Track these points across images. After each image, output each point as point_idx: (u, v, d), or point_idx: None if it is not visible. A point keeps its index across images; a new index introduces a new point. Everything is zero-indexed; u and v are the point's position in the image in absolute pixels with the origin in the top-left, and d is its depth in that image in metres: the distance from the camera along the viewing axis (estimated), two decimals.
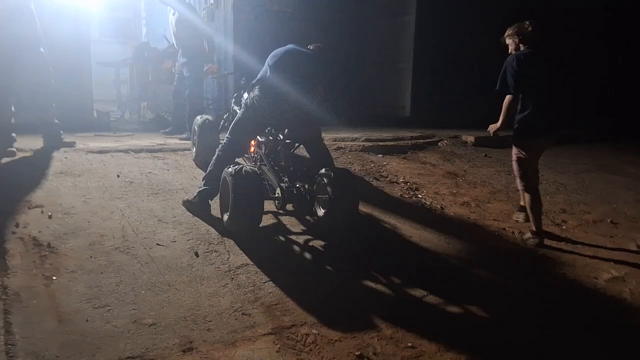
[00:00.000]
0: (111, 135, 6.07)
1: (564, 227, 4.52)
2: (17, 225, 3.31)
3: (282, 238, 3.62)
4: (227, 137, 3.84)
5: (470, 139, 7.22)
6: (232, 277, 3.09)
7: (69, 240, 3.25)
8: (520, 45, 3.98)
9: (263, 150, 3.90)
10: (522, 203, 4.39)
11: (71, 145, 5.01)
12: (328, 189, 3.49)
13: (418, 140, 6.92)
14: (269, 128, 4.00)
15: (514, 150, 4.12)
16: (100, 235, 3.36)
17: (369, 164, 5.79)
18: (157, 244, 3.33)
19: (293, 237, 3.65)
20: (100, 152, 4.95)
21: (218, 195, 3.74)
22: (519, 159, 4.08)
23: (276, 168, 3.71)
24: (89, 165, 4.55)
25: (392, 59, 8.39)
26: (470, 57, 7.99)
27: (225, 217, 3.44)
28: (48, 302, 2.63)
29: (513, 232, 4.26)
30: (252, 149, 4.10)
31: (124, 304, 2.69)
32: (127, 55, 8.70)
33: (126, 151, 5.09)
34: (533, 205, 4.04)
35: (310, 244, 3.57)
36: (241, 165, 3.36)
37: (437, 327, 2.81)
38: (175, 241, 3.40)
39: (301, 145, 4.26)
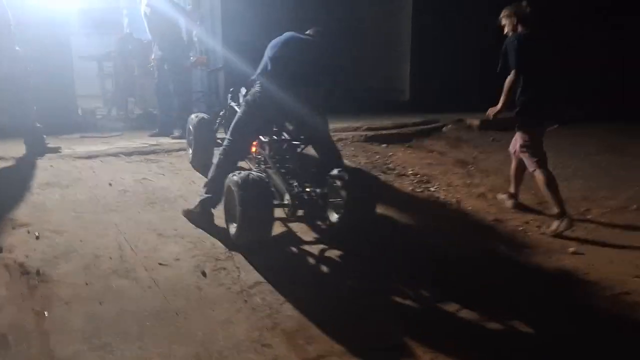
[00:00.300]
0: (99, 136, 5.67)
1: (589, 216, 4.26)
2: (0, 250, 2.98)
3: (294, 249, 3.31)
4: (227, 139, 3.50)
5: (475, 122, 6.90)
6: (246, 298, 2.78)
7: (61, 264, 2.92)
8: (518, 25, 3.90)
9: (267, 152, 3.56)
10: (511, 190, 4.33)
11: (56, 151, 4.63)
12: (342, 192, 3.18)
13: (422, 127, 6.61)
14: (272, 126, 3.66)
15: (521, 136, 4.03)
16: (95, 256, 3.03)
17: (374, 156, 5.48)
18: (159, 264, 3.02)
19: (306, 247, 3.34)
20: (89, 157, 4.58)
21: (222, 202, 3.43)
22: (525, 145, 3.99)
23: (283, 171, 3.39)
24: (78, 173, 4.19)
25: (389, 41, 8.01)
26: (470, 37, 7.63)
27: (232, 228, 3.13)
28: (40, 345, 2.31)
29: (539, 227, 3.98)
30: (254, 150, 3.75)
31: (128, 341, 2.38)
32: (109, 47, 8.24)
33: (117, 155, 4.73)
34: (550, 184, 3.91)
35: (326, 254, 3.27)
36: (247, 173, 3.03)
37: (480, 348, 2.53)
38: (178, 259, 3.08)
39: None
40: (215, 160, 3.48)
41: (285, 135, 3.61)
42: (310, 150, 4.05)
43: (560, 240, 3.76)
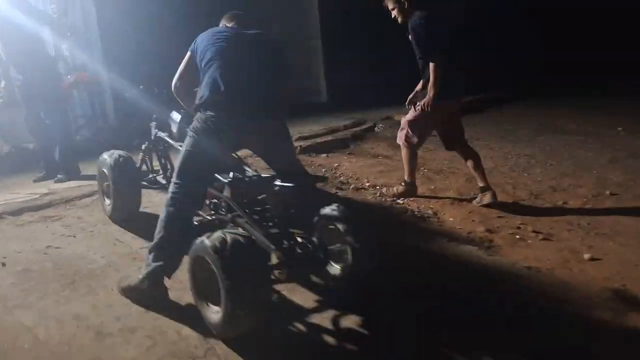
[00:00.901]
0: None
1: (567, 207, 3.93)
2: None
3: (298, 325, 2.46)
4: (173, 184, 2.57)
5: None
6: None
7: None
8: (409, 9, 3.74)
9: (228, 194, 2.66)
10: (481, 184, 3.95)
11: None
12: (343, 236, 2.44)
13: (354, 129, 6.07)
14: (230, 160, 2.80)
15: (415, 112, 3.91)
16: None
17: (319, 170, 4.79)
18: None
19: (312, 318, 2.48)
20: None
21: (176, 269, 2.53)
22: (418, 119, 3.90)
23: (257, 218, 2.54)
24: None
25: (299, 36, 7.29)
26: (383, 25, 7.18)
27: (212, 314, 2.24)
28: None
29: (536, 233, 3.51)
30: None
31: None
32: None
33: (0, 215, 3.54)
34: (412, 160, 4.10)
35: (342, 323, 2.44)
36: (224, 233, 2.15)
37: None
38: None
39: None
40: (162, 215, 2.54)
41: (248, 169, 2.76)
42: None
43: (570, 244, 3.33)
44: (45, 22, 4.68)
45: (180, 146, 2.70)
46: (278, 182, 2.36)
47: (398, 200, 4.12)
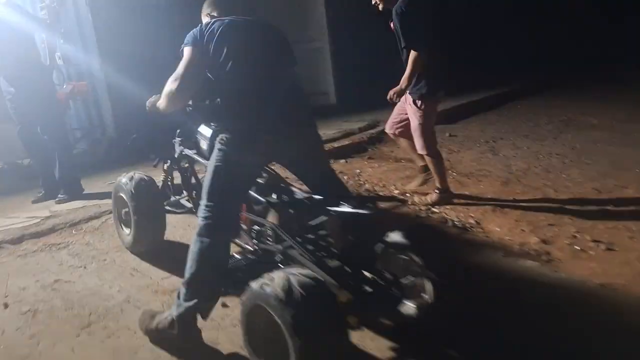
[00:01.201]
0: None
1: (618, 211, 3.59)
2: None
3: None
4: (204, 208, 2.21)
5: None
6: None
7: None
8: None
9: (275, 219, 2.28)
10: (438, 184, 3.81)
11: None
12: (425, 270, 2.04)
13: (369, 132, 5.70)
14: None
15: (420, 112, 3.64)
16: None
17: (341, 178, 4.43)
18: None
19: None
20: None
21: (212, 309, 2.18)
22: (425, 123, 3.66)
23: (310, 248, 2.16)
24: None
25: (304, 37, 6.93)
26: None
27: None
28: None
29: (596, 242, 3.19)
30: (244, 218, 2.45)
31: None
32: None
33: None
34: (440, 167, 3.81)
35: None
36: (292, 276, 1.74)
37: None
38: None
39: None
40: (193, 246, 2.17)
41: (295, 188, 2.39)
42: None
43: (638, 255, 3.00)
44: (38, 27, 4.31)
45: None
46: (348, 209, 1.99)
47: (434, 209, 3.79)
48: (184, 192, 2.92)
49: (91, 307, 2.53)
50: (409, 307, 2.08)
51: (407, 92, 3.64)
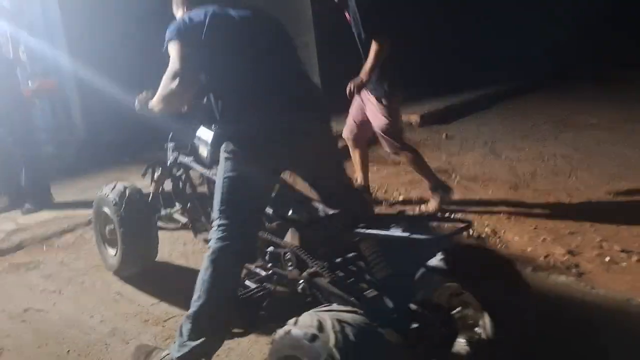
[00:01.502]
0: None
1: None
2: None
3: None
4: (218, 228, 1.83)
5: (414, 118, 5.88)
6: None
7: None
8: None
9: (296, 241, 1.90)
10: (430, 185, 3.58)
11: None
12: (477, 301, 1.72)
13: None
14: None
15: (386, 110, 3.34)
16: None
17: None
18: None
19: None
20: None
21: (220, 347, 1.82)
22: (392, 121, 3.37)
23: (342, 275, 1.81)
24: None
25: (291, 31, 6.60)
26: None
27: None
28: None
29: (626, 252, 2.94)
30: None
31: None
32: None
33: None
34: (420, 162, 3.54)
35: None
36: (337, 322, 1.39)
37: None
38: None
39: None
40: (203, 273, 1.80)
41: (318, 204, 2.03)
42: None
43: None
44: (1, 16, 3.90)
45: (214, 175, 1.99)
46: (400, 233, 1.65)
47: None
48: (177, 204, 2.53)
49: (69, 343, 2.14)
50: (459, 346, 1.76)
51: (368, 92, 3.36)
